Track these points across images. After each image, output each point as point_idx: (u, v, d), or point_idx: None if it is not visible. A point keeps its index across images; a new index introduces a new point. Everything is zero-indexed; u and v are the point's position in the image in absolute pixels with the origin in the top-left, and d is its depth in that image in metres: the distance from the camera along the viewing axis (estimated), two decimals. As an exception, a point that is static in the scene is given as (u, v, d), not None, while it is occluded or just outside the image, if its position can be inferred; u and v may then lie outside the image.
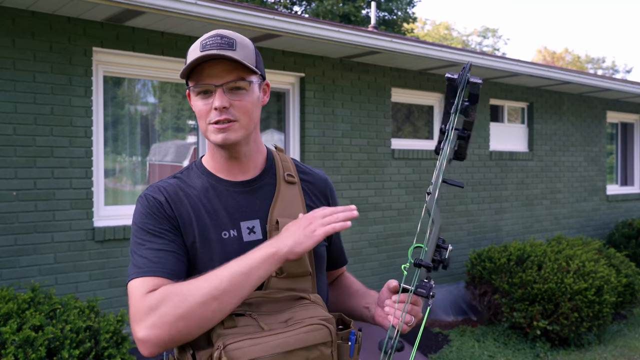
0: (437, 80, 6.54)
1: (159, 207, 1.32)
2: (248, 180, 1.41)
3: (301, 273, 1.33)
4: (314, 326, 1.24)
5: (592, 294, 5.28)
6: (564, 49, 36.76)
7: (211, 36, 1.33)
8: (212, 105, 1.31)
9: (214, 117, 1.31)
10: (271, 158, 1.47)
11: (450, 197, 6.69)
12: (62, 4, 3.87)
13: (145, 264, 1.24)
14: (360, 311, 1.49)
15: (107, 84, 4.53)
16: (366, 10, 15.57)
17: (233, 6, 4.24)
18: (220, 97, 1.30)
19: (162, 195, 1.34)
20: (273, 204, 1.38)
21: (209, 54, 1.28)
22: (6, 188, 3.91)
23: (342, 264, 1.66)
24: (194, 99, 1.35)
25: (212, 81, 1.30)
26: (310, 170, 1.53)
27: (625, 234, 8.17)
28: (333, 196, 1.54)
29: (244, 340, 1.19)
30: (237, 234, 1.35)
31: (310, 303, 1.30)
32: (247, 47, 1.35)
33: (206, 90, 1.32)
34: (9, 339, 2.80)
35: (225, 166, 1.41)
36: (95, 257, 4.24)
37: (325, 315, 1.28)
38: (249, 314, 1.25)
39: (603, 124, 8.79)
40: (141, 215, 1.33)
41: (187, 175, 1.42)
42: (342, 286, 1.62)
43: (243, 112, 1.33)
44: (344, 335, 1.33)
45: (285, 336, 1.21)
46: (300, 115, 5.47)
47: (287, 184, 1.43)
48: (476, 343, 5.38)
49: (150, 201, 1.34)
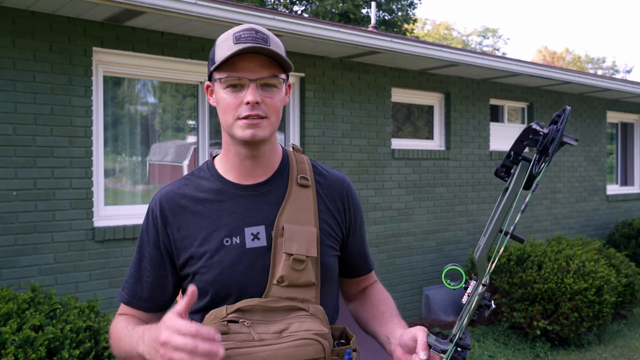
0: (437, 80, 6.54)
1: (151, 221, 1.38)
2: (257, 184, 1.36)
3: (304, 283, 1.28)
4: (307, 341, 1.21)
5: (592, 294, 5.28)
6: (564, 49, 36.77)
7: (245, 29, 1.29)
8: (244, 100, 1.27)
9: (244, 112, 1.27)
10: (286, 159, 1.42)
11: (450, 197, 6.69)
12: (62, 4, 3.87)
13: (124, 289, 1.43)
14: (381, 338, 1.40)
15: (107, 84, 4.53)
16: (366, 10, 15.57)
17: (233, 6, 4.24)
18: (254, 91, 1.26)
19: (159, 207, 1.37)
20: (281, 209, 1.33)
21: (250, 46, 1.24)
22: (6, 188, 3.91)
23: (364, 272, 1.54)
24: (221, 91, 1.30)
25: (246, 75, 1.26)
26: (328, 171, 1.46)
27: (625, 234, 8.17)
28: (351, 196, 1.46)
29: (233, 349, 1.18)
30: (240, 240, 1.31)
31: (308, 315, 1.26)
32: (279, 44, 1.32)
33: (237, 83, 1.27)
34: (9, 339, 2.79)
35: (238, 167, 1.36)
36: (95, 257, 4.24)
37: (321, 330, 1.24)
38: (242, 322, 1.22)
39: (603, 124, 8.79)
40: (142, 224, 1.42)
41: (197, 176, 1.40)
42: (369, 302, 1.50)
43: (273, 110, 1.30)
44: (340, 352, 1.28)
45: (275, 349, 1.18)
46: (300, 115, 5.47)
47: (300, 187, 1.37)
48: (476, 343, 5.38)
49: (149, 213, 1.40)
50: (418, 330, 1.25)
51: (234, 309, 1.25)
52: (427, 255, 6.45)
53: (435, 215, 6.53)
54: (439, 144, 6.75)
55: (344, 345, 1.30)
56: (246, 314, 1.24)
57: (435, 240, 6.54)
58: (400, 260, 6.20)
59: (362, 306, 1.51)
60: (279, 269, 1.28)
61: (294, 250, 1.29)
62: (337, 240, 1.41)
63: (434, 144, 6.72)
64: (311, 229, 1.32)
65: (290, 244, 1.29)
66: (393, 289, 6.11)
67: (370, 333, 1.45)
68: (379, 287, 1.55)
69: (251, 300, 1.25)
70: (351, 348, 1.29)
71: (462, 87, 6.78)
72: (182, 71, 4.80)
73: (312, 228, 1.33)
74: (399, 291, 6.14)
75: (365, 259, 1.53)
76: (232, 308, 1.25)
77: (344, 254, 1.46)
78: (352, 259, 1.49)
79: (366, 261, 1.53)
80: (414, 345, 1.23)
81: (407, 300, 6.25)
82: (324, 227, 1.37)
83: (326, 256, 1.35)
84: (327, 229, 1.38)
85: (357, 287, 1.56)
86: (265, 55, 1.27)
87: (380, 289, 1.54)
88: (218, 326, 1.21)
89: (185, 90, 5.04)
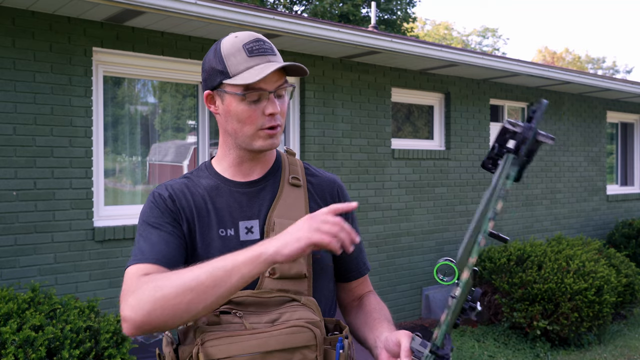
0: (437, 80, 6.54)
1: (162, 201, 1.36)
2: (251, 181, 1.42)
3: (295, 275, 1.31)
4: (297, 328, 1.21)
5: (592, 294, 5.28)
6: (565, 49, 36.78)
7: (253, 40, 1.33)
8: (264, 111, 1.32)
9: (267, 123, 1.33)
10: (279, 160, 1.48)
11: (450, 197, 6.69)
12: (62, 4, 3.87)
13: (142, 253, 1.27)
14: (370, 343, 1.41)
15: (107, 84, 4.53)
16: (366, 10, 15.57)
17: (233, 6, 4.24)
18: (274, 103, 1.32)
19: (167, 191, 1.38)
20: (273, 205, 1.38)
21: (282, 65, 1.31)
22: (6, 188, 3.91)
23: (358, 274, 1.53)
24: (237, 104, 1.32)
25: (265, 87, 1.31)
26: (320, 173, 1.51)
27: (625, 234, 8.17)
28: (343, 195, 1.49)
29: (223, 337, 1.19)
30: (235, 232, 1.36)
31: (300, 305, 1.27)
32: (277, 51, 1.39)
33: (259, 97, 1.32)
34: (9, 339, 2.79)
35: (237, 167, 1.42)
36: (95, 257, 4.24)
37: (313, 318, 1.25)
38: (234, 312, 1.24)
39: (603, 124, 8.79)
40: (145, 210, 1.37)
41: (196, 175, 1.45)
42: (363, 312, 1.50)
43: (283, 116, 1.38)
44: (332, 341, 1.28)
45: (265, 336, 1.20)
46: (300, 115, 5.47)
47: (291, 187, 1.42)
48: (476, 343, 5.38)
49: (155, 196, 1.38)
50: (402, 335, 1.24)
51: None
52: (427, 255, 6.45)
53: (435, 215, 6.53)
54: (439, 144, 6.75)
55: (337, 335, 1.31)
56: (239, 306, 1.26)
57: (435, 240, 6.54)
58: (400, 260, 6.20)
59: (356, 315, 1.52)
60: None
61: None
62: None
63: (434, 144, 6.72)
64: None
65: None
66: (393, 289, 6.11)
67: (361, 340, 1.46)
68: (375, 298, 1.54)
69: (243, 292, 1.27)
70: (343, 336, 1.30)
71: (462, 87, 6.79)
72: (182, 71, 4.80)
73: None
74: (398, 291, 6.14)
75: (359, 262, 1.53)
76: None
77: (338, 257, 1.45)
78: (345, 260, 1.49)
79: (359, 264, 1.53)
80: (398, 350, 1.23)
81: (407, 300, 6.25)
82: None
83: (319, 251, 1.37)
84: None
85: (352, 295, 1.56)
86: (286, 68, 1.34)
87: (376, 299, 1.54)
88: (209, 317, 1.22)
89: (185, 90, 5.04)
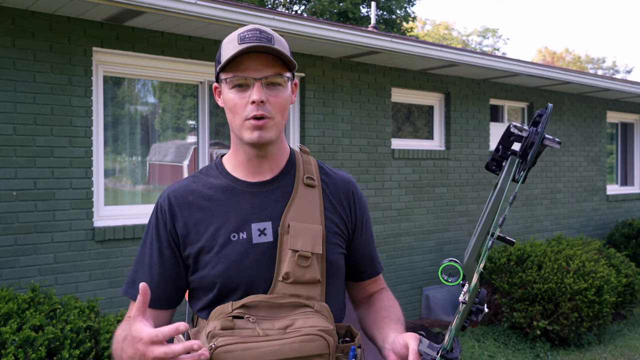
0: (437, 80, 6.54)
1: (162, 216, 1.38)
2: (264, 181, 1.38)
3: (309, 280, 1.29)
4: (311, 336, 1.21)
5: (592, 294, 5.28)
6: (564, 49, 36.78)
7: (249, 30, 1.31)
8: (249, 99, 1.28)
9: (250, 112, 1.28)
10: (293, 159, 1.43)
11: (450, 197, 6.69)
12: (62, 4, 3.87)
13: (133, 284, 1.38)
14: (379, 343, 1.39)
15: (107, 84, 4.53)
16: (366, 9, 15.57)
17: (233, 6, 4.24)
18: (259, 90, 1.28)
19: (168, 201, 1.38)
20: (287, 207, 1.34)
21: (253, 45, 1.26)
22: (6, 188, 3.91)
23: (371, 275, 1.52)
24: (227, 92, 1.32)
25: (251, 74, 1.28)
26: (334, 172, 1.47)
27: (625, 234, 8.17)
28: (357, 195, 1.46)
29: (237, 344, 1.18)
30: (247, 235, 1.32)
31: (313, 312, 1.26)
32: (283, 43, 1.33)
33: (243, 83, 1.29)
34: (9, 339, 2.79)
35: (246, 165, 1.38)
36: (95, 257, 4.24)
37: (326, 326, 1.24)
38: (247, 317, 1.23)
39: (603, 124, 8.79)
40: (150, 222, 1.41)
41: (205, 174, 1.42)
42: (373, 309, 1.48)
43: (278, 109, 1.31)
44: (344, 349, 1.28)
45: (279, 344, 1.19)
46: (300, 115, 5.47)
47: (306, 187, 1.38)
48: (476, 343, 5.38)
49: (157, 210, 1.39)
50: (409, 337, 1.23)
51: (239, 304, 1.26)
52: (427, 255, 6.45)
53: (435, 215, 6.53)
54: (439, 144, 6.75)
55: (349, 343, 1.31)
56: (251, 310, 1.25)
57: (435, 240, 6.54)
58: (400, 260, 6.20)
59: (367, 312, 1.51)
60: (284, 265, 1.29)
61: (299, 246, 1.29)
62: (343, 238, 1.41)
63: (434, 144, 6.72)
64: (317, 227, 1.33)
65: (296, 240, 1.30)
66: (393, 289, 6.11)
67: (370, 338, 1.45)
68: (387, 294, 1.53)
69: (256, 297, 1.26)
70: (356, 345, 1.29)
71: (462, 87, 6.78)
72: (182, 71, 4.80)
73: (318, 225, 1.34)
74: (399, 291, 6.14)
75: (372, 262, 1.52)
76: (238, 304, 1.26)
77: (350, 254, 1.46)
78: (358, 260, 1.48)
79: (373, 264, 1.52)
80: (406, 353, 1.23)
81: (407, 301, 6.25)
82: (330, 225, 1.38)
83: (332, 253, 1.36)
84: (332, 227, 1.38)
85: (364, 292, 1.55)
86: (269, 54, 1.29)
87: (387, 296, 1.52)
88: (223, 321, 1.22)
89: (185, 90, 5.04)
